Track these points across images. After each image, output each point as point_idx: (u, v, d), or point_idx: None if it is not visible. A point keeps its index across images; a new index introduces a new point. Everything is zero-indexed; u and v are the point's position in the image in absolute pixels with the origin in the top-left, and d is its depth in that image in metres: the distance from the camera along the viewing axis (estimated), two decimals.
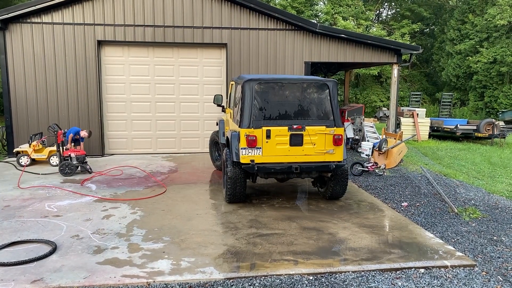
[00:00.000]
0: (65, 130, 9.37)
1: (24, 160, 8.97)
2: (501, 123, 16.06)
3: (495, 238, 5.19)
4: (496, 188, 7.74)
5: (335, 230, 5.25)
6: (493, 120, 14.68)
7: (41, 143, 9.19)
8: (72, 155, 8.34)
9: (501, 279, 4.08)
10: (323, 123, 6.03)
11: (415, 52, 11.64)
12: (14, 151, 9.37)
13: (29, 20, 9.80)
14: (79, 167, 8.29)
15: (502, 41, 22.97)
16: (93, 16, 9.97)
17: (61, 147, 8.35)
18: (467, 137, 14.68)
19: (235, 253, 4.48)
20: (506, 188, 7.77)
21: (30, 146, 9.06)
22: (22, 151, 9.08)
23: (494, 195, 7.24)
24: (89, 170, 8.32)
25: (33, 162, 9.14)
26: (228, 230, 5.21)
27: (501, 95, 23.27)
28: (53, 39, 9.92)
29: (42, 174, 8.25)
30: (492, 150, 12.64)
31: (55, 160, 8.92)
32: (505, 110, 20.95)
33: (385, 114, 21.81)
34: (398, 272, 4.15)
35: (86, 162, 8.47)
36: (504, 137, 14.00)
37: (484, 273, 4.19)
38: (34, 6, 9.53)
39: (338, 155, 6.06)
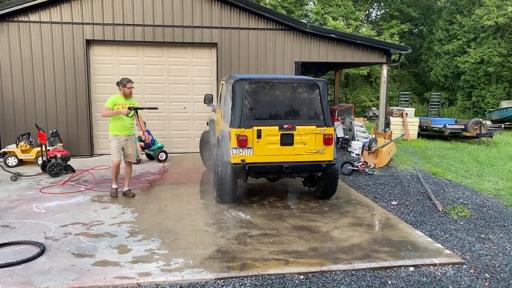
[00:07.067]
0: (54, 130, 9.27)
1: (11, 160, 8.86)
2: (489, 123, 16.29)
3: (482, 236, 5.26)
4: (484, 187, 7.85)
5: (325, 229, 5.27)
6: (481, 119, 14.87)
7: (28, 144, 9.07)
8: (58, 155, 8.30)
9: (488, 276, 4.14)
10: (313, 122, 6.05)
11: (404, 52, 11.75)
12: (1, 151, 9.23)
13: (16, 19, 9.66)
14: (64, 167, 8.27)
15: (489, 41, 23.29)
16: (81, 15, 9.86)
17: (45, 148, 8.25)
18: (455, 136, 14.85)
19: (226, 253, 4.47)
20: (493, 187, 7.87)
21: (17, 147, 8.94)
22: (9, 152, 8.95)
23: (482, 194, 7.34)
24: (72, 169, 8.36)
25: (21, 162, 9.02)
26: (219, 230, 5.20)
27: (488, 95, 23.60)
28: (41, 38, 9.80)
29: (27, 175, 8.14)
30: (479, 149, 12.81)
31: None
32: (492, 109, 21.26)
33: (374, 113, 21.96)
34: (388, 270, 4.18)
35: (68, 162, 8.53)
36: (491, 136, 14.19)
37: (472, 270, 4.25)
38: (21, 4, 9.39)
39: (328, 154, 6.08)
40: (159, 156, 9.54)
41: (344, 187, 7.56)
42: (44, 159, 8.23)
